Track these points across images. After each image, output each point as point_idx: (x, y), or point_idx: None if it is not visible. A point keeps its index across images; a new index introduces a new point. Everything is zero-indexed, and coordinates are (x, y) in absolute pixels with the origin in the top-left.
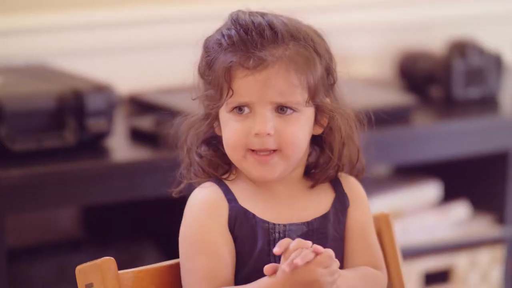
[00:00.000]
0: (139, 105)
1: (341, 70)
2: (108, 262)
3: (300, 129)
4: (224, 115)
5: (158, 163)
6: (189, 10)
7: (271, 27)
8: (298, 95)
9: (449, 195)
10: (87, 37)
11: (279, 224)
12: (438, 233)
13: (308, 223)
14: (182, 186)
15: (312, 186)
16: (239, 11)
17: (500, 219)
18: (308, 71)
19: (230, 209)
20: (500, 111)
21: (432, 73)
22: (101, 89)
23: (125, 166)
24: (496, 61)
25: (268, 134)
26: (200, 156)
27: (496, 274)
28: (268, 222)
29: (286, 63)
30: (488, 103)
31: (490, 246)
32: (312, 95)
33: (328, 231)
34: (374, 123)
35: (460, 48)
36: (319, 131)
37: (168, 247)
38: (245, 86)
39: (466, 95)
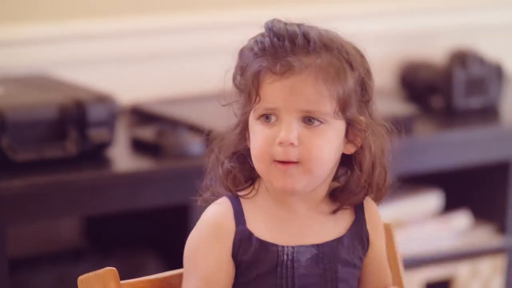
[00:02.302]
0: (141, 115)
1: None
2: (110, 272)
3: (326, 142)
4: (252, 122)
5: (160, 173)
6: (191, 20)
7: (305, 35)
8: (326, 105)
9: (450, 205)
10: (89, 47)
11: (287, 246)
12: (439, 243)
13: (318, 246)
14: (206, 195)
15: (335, 211)
16: (274, 19)
17: (501, 229)
18: (338, 82)
19: (236, 233)
20: (501, 121)
21: (433, 83)
22: (103, 99)
23: (127, 176)
24: (497, 71)
25: (292, 144)
26: (225, 168)
27: (497, 283)
28: (276, 245)
29: (315, 72)
30: (489, 113)
31: (491, 256)
32: (342, 107)
33: (340, 255)
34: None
35: (461, 58)
36: (351, 150)
37: (170, 257)
38: (272, 91)
39: (467, 105)
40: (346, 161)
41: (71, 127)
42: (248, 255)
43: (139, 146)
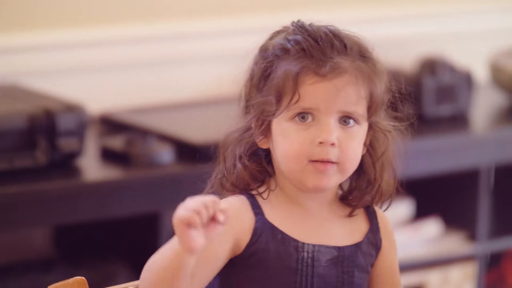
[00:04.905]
0: (110, 124)
1: None
2: (79, 281)
3: (359, 144)
4: (282, 124)
5: (129, 182)
6: (160, 29)
7: (339, 38)
8: (363, 107)
9: (421, 212)
10: (58, 56)
11: (308, 244)
12: (411, 250)
13: (339, 248)
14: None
15: (349, 215)
16: (299, 20)
17: (472, 236)
18: (373, 85)
19: (257, 221)
20: (471, 129)
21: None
22: (72, 109)
23: (96, 185)
24: (467, 79)
25: (333, 144)
26: (244, 166)
27: None
28: (297, 241)
29: (355, 74)
30: (459, 121)
31: (462, 263)
32: (373, 110)
33: (359, 260)
34: None
35: (431, 66)
36: (363, 151)
37: (140, 266)
38: (313, 92)
39: (437, 113)
40: None
41: (40, 136)
42: (269, 245)
43: (108, 156)
